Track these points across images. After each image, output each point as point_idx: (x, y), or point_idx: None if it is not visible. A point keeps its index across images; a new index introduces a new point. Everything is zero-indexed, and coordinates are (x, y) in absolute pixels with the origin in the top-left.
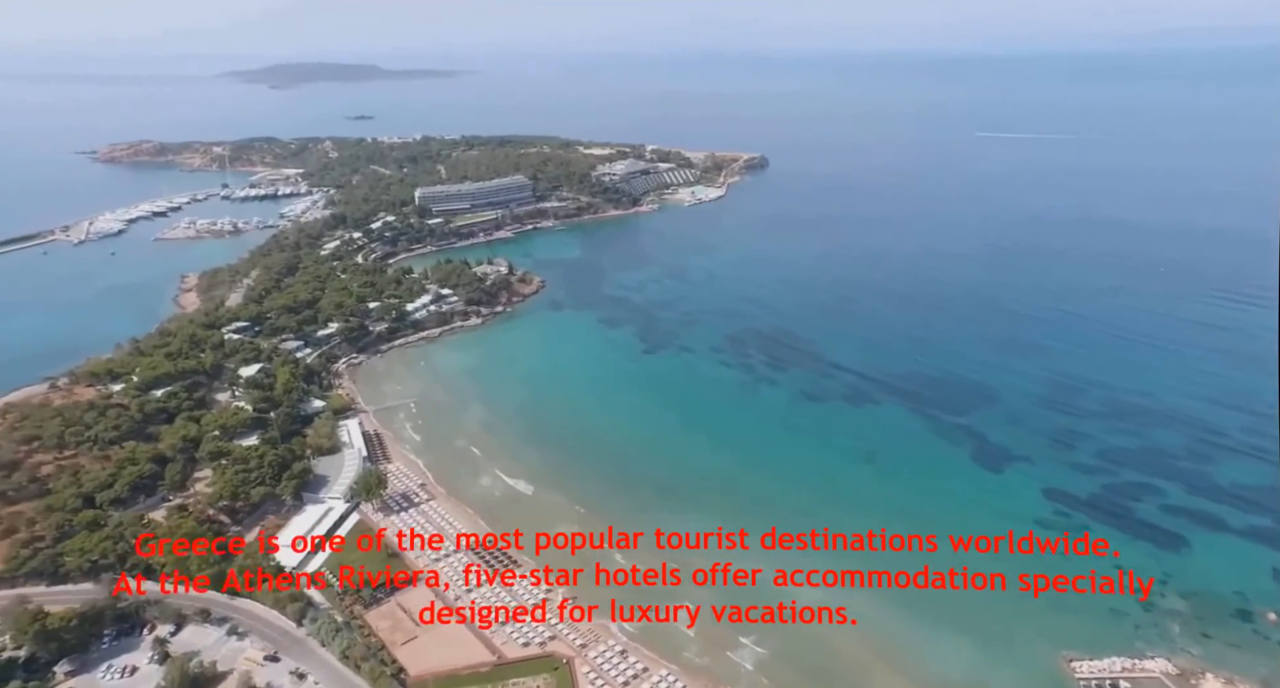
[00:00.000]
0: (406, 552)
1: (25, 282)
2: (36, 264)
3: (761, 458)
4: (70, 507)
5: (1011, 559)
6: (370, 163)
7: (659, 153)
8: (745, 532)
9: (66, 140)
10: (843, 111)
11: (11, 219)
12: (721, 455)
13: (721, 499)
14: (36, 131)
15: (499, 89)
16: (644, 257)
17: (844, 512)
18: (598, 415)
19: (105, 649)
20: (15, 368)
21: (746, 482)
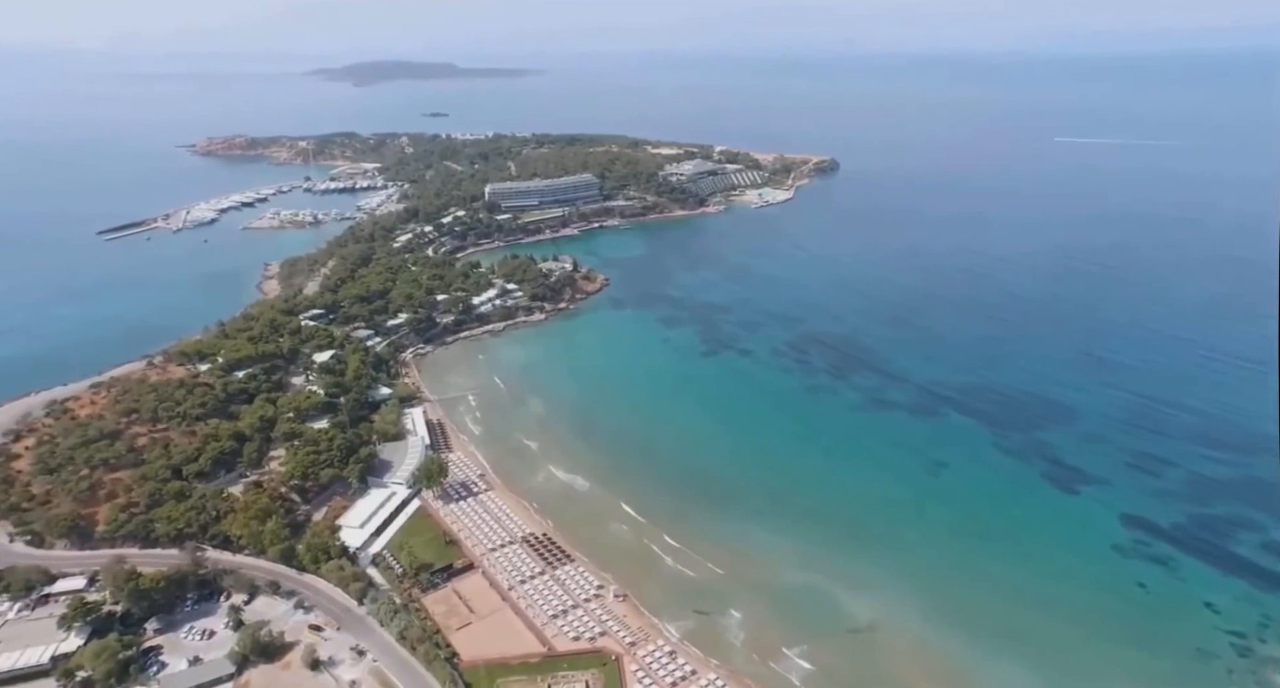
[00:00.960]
0: (464, 540)
1: (130, 265)
2: (140, 249)
3: (819, 466)
4: (161, 477)
5: (1085, 587)
6: (443, 159)
7: (727, 154)
8: (800, 540)
9: (168, 134)
10: (916, 114)
11: (122, 207)
12: (778, 462)
13: (776, 506)
14: (142, 126)
15: (569, 89)
16: (708, 258)
17: (903, 526)
18: (655, 416)
19: (188, 612)
20: (119, 346)
21: (803, 490)
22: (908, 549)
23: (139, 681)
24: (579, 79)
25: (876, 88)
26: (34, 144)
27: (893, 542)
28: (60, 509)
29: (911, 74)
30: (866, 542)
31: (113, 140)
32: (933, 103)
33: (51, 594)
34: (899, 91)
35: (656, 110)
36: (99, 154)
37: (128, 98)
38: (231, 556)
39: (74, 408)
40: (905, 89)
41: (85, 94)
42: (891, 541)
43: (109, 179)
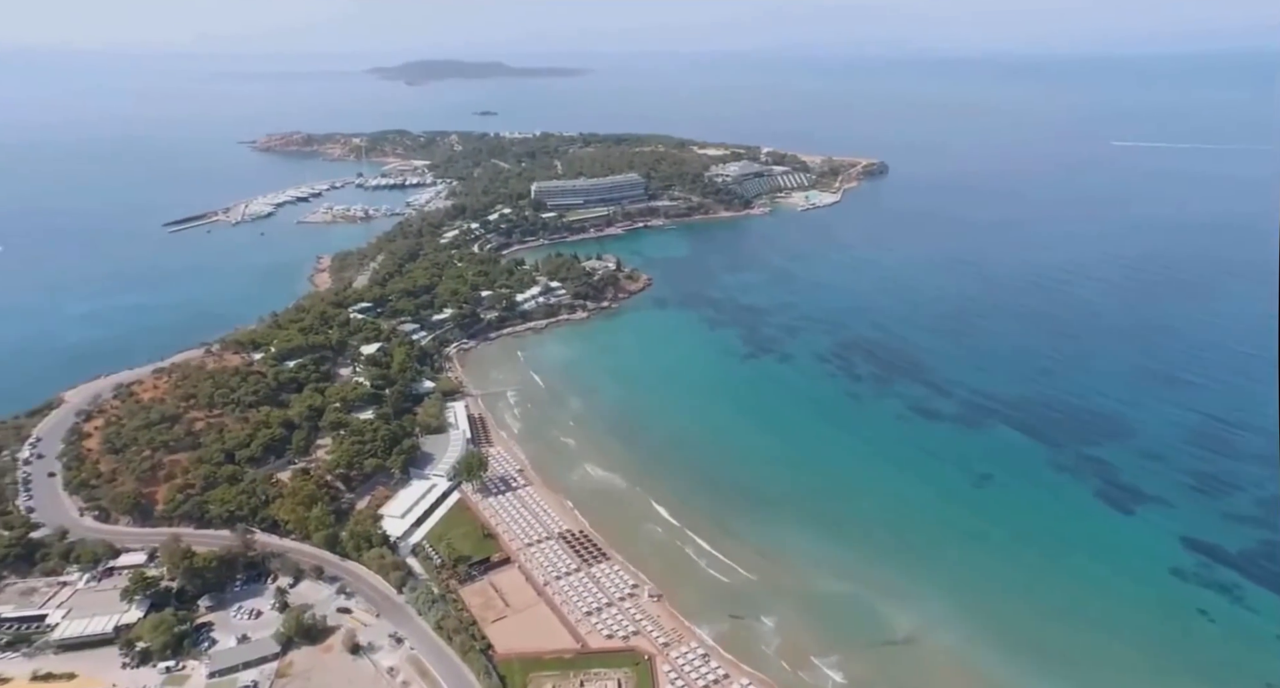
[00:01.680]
0: (501, 534)
1: (192, 257)
2: (201, 241)
3: (859, 475)
4: (215, 461)
5: (1140, 610)
6: (491, 157)
7: (774, 155)
8: (837, 548)
9: (232, 131)
10: (969, 116)
11: (187, 200)
12: (817, 469)
13: (814, 513)
14: (209, 123)
15: (617, 88)
16: (752, 260)
17: (945, 538)
18: (695, 417)
19: (237, 591)
20: (180, 333)
21: (842, 498)
22: (949, 562)
23: (191, 655)
24: (628, 79)
25: (927, 89)
26: (111, 139)
27: (933, 554)
28: (124, 487)
29: (964, 75)
30: (906, 553)
31: (182, 136)
32: (986, 104)
33: (116, 567)
34: (951, 93)
35: (704, 110)
36: (168, 149)
37: (199, 96)
38: (279, 539)
39: (138, 391)
40: (957, 90)
41: (161, 92)
42: (932, 553)
43: (176, 173)
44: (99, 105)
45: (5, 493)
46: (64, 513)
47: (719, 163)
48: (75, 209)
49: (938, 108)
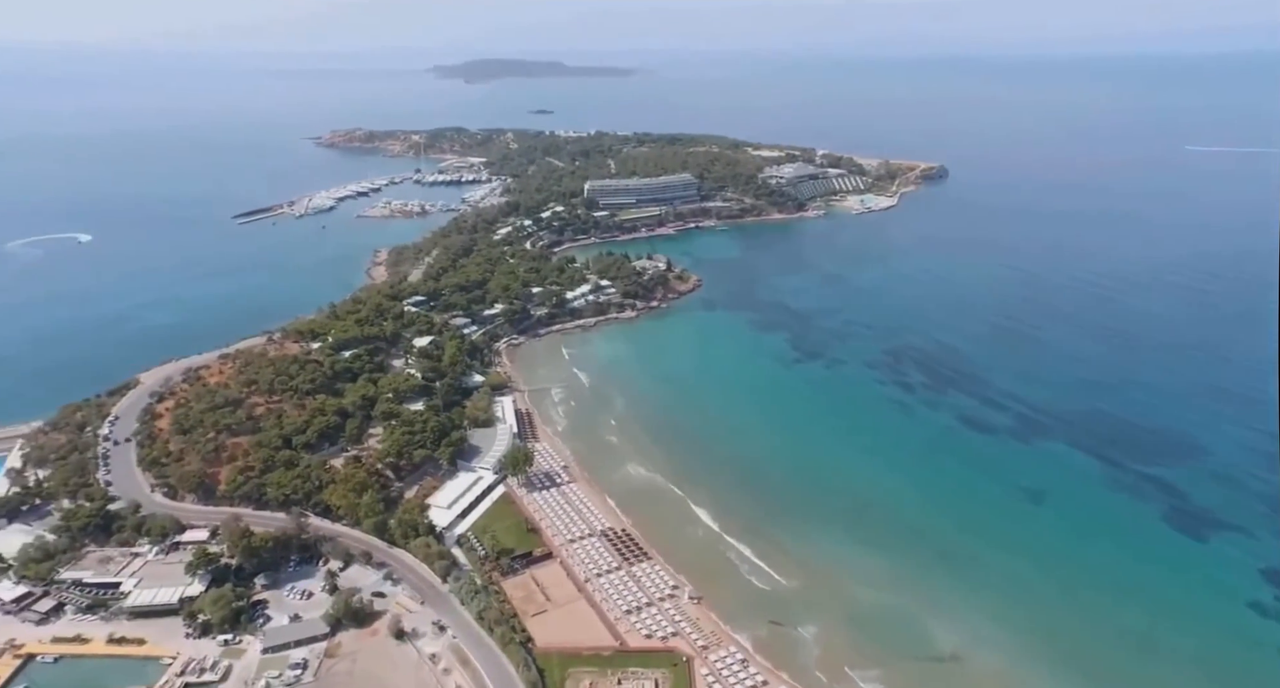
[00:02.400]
0: (544, 529)
1: (258, 247)
2: (267, 232)
3: (907, 485)
4: (273, 445)
5: (1212, 642)
6: (546, 155)
7: (829, 158)
8: (882, 559)
9: (299, 127)
10: (1033, 119)
11: (255, 193)
12: (866, 475)
13: (860, 523)
14: (277, 119)
15: (674, 88)
16: (804, 263)
17: (995, 554)
18: (742, 420)
19: (290, 572)
20: (243, 321)
21: (888, 508)
22: (998, 580)
23: (247, 630)
24: (686, 79)
25: (988, 91)
26: (186, 133)
27: (982, 571)
28: (190, 467)
29: (1026, 76)
30: (953, 568)
31: (252, 131)
32: (1051, 107)
33: (181, 542)
34: (1014, 95)
35: (760, 112)
36: (240, 143)
37: (268, 93)
38: (330, 524)
39: (205, 376)
40: (1020, 92)
41: (231, 89)
42: (980, 569)
43: (246, 167)
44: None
45: (88, 467)
46: (137, 488)
47: (773, 165)
48: (155, 199)
49: (998, 110)
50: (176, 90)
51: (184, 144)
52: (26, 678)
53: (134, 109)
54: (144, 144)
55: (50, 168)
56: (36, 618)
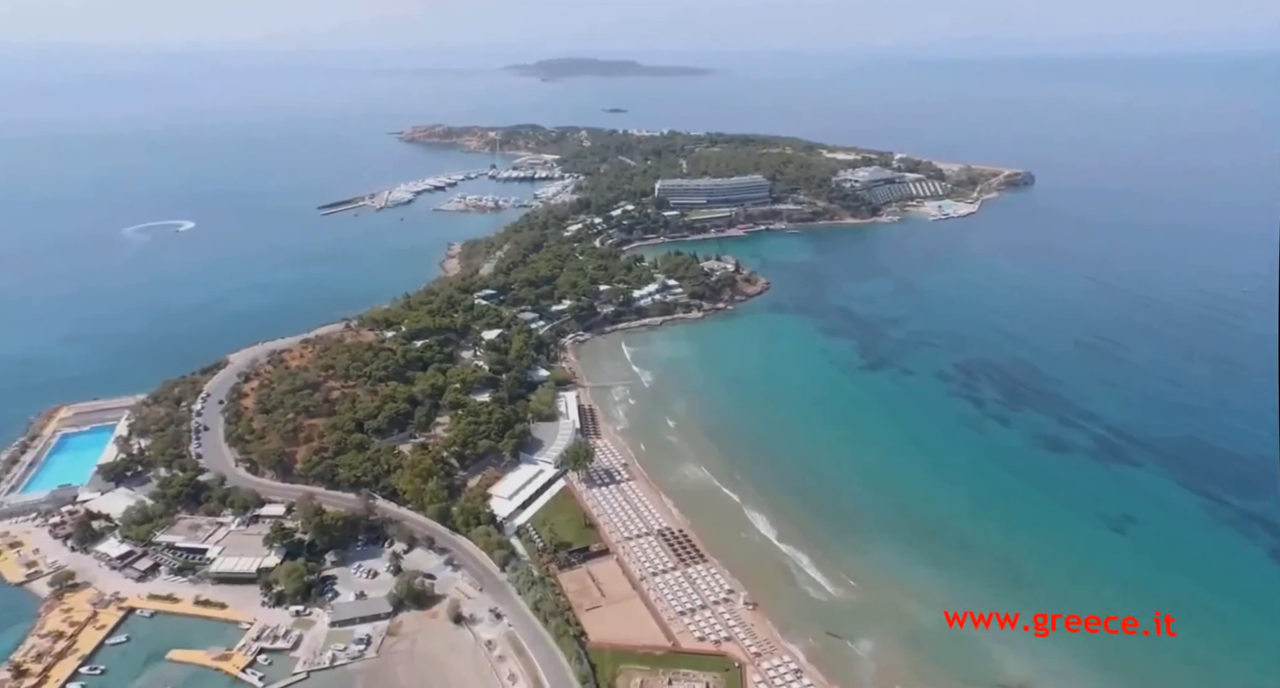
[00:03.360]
0: (602, 525)
1: (340, 238)
2: (348, 223)
3: (978, 501)
4: (346, 428)
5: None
6: (618, 153)
7: (907, 162)
8: (947, 578)
9: (382, 122)
10: (1129, 122)
11: (339, 185)
12: (932, 490)
13: (925, 539)
14: (363, 114)
15: (749, 89)
16: (876, 269)
17: (1073, 581)
18: (804, 427)
19: (358, 551)
20: (324, 307)
21: (957, 524)
22: (1077, 607)
23: (317, 603)
24: (762, 79)
25: (1081, 93)
26: (278, 128)
27: (1057, 599)
28: (271, 445)
29: (1116, 76)
30: (1025, 593)
31: (339, 127)
32: (1151, 110)
33: (260, 516)
34: (1109, 97)
35: (836, 113)
36: (327, 138)
37: (355, 90)
38: (396, 507)
39: (287, 358)
40: (1117, 94)
41: (323, 87)
42: (1056, 597)
43: (332, 160)
44: (268, 99)
45: (182, 439)
46: (224, 462)
47: (848, 168)
48: (249, 190)
49: (1092, 113)
50: (274, 89)
51: (278, 138)
52: (128, 629)
53: (236, 106)
54: (243, 138)
55: (162, 159)
56: (136, 575)
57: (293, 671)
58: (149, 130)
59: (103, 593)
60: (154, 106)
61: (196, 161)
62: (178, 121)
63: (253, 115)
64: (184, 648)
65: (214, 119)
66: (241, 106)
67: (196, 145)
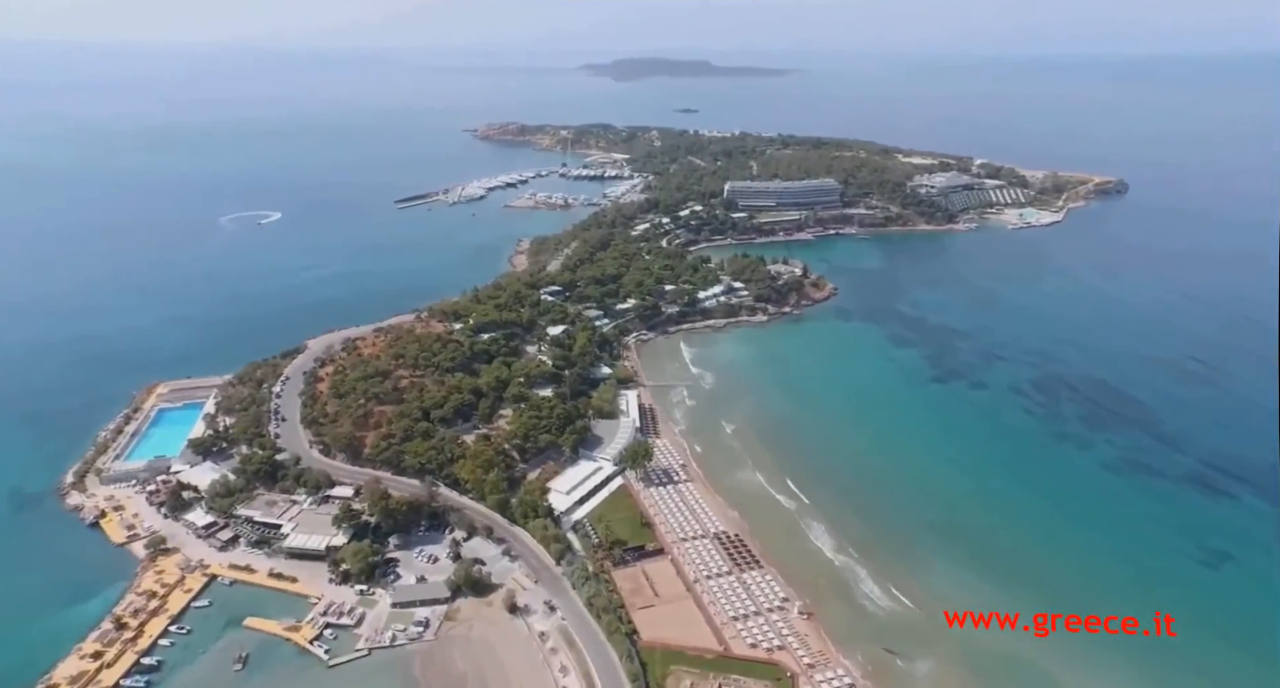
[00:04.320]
0: (658, 524)
1: (414, 231)
2: (423, 217)
3: (1050, 525)
4: (413, 416)
5: None
6: (688, 154)
7: (987, 167)
8: (1016, 602)
9: (459, 119)
10: (1234, 128)
11: (415, 180)
12: (1004, 510)
13: (992, 558)
14: (440, 112)
15: (824, 90)
16: (950, 277)
17: (1155, 618)
18: (868, 436)
19: (420, 536)
20: (396, 298)
21: (1029, 546)
22: (1163, 647)
23: (380, 583)
24: (838, 80)
25: (1182, 98)
26: (359, 123)
27: (1137, 635)
28: (342, 429)
29: (1221, 79)
30: (1108, 616)
31: (416, 123)
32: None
33: (330, 496)
34: (1208, 102)
35: (916, 117)
36: (406, 134)
37: (434, 88)
38: (458, 496)
39: (360, 347)
40: (1216, 99)
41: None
42: (1136, 632)
43: (410, 156)
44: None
45: (262, 419)
46: (299, 443)
47: (924, 173)
48: (331, 184)
49: (1196, 120)
50: (347, 82)
51: (357, 133)
52: (210, 594)
53: (313, 98)
54: (324, 132)
55: (252, 151)
56: (219, 545)
57: (355, 646)
58: (228, 123)
59: (190, 559)
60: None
61: (282, 155)
62: (257, 115)
63: (329, 107)
64: (258, 616)
65: (293, 109)
66: (319, 98)
67: (280, 138)
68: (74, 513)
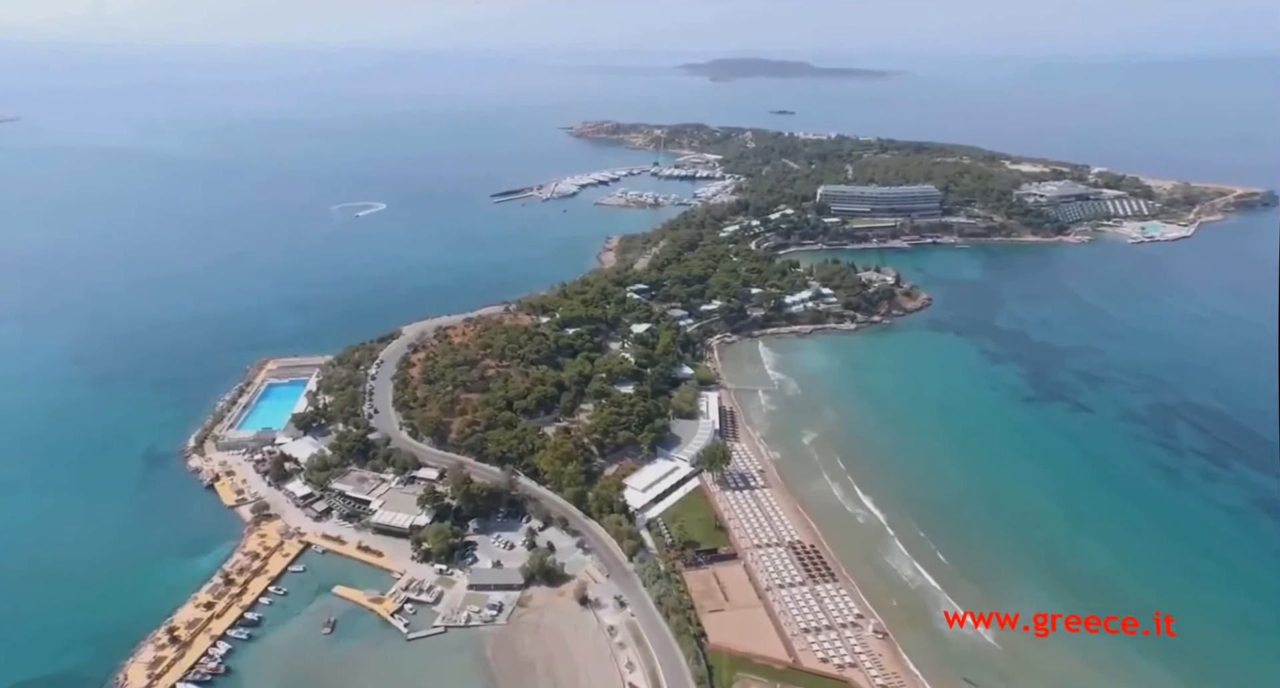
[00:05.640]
0: (732, 529)
1: (507, 225)
2: (517, 212)
3: (1164, 566)
4: (498, 406)
5: None
6: (782, 156)
7: (1107, 177)
8: (1118, 646)
9: (557, 117)
10: None
11: (511, 176)
12: (1107, 545)
13: (1092, 596)
14: (538, 109)
15: (929, 93)
16: (1055, 292)
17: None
18: (958, 454)
19: (498, 522)
20: (487, 289)
21: (1134, 587)
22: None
23: (458, 565)
24: (944, 82)
25: None
26: (462, 121)
27: None
28: (430, 413)
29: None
30: (1222, 679)
31: (516, 120)
32: None
33: (416, 477)
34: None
35: (1029, 122)
36: (505, 130)
37: (538, 86)
38: (536, 486)
39: (451, 335)
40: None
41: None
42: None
43: (507, 151)
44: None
45: (358, 399)
46: (390, 424)
47: (1033, 181)
48: (433, 176)
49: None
50: (453, 80)
51: (460, 129)
52: (304, 561)
53: (426, 95)
54: (435, 126)
55: (365, 144)
56: (314, 515)
57: (432, 623)
58: (347, 118)
59: (288, 526)
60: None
61: (390, 148)
62: (373, 111)
63: (435, 103)
64: (346, 586)
65: (402, 106)
66: (427, 94)
67: (388, 132)
68: (194, 475)
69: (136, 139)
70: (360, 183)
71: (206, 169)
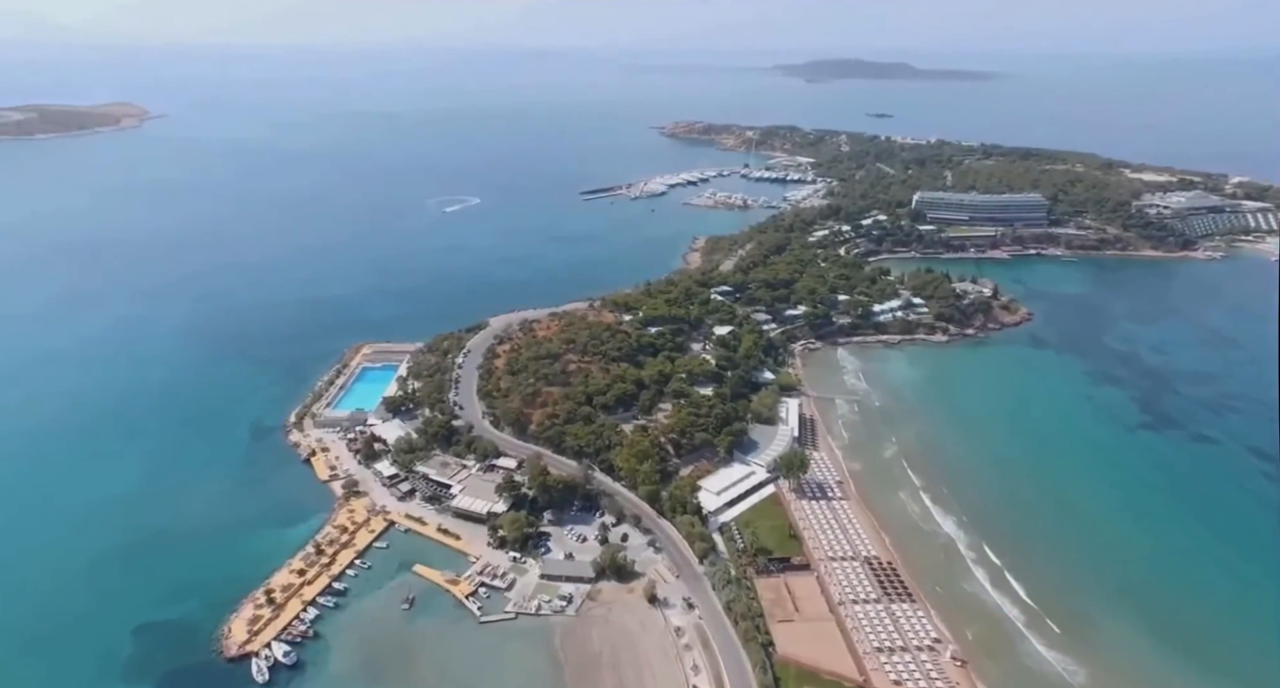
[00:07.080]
0: (806, 539)
1: (596, 222)
2: (605, 210)
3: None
4: (577, 400)
5: None
6: (878, 161)
7: (1248, 187)
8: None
9: (649, 116)
10: None
11: (601, 173)
12: (1219, 586)
13: (1188, 636)
14: (632, 108)
15: (1038, 95)
16: (1176, 312)
17: None
18: (1052, 480)
19: (572, 515)
20: (573, 285)
21: (1241, 631)
22: None
23: (532, 554)
24: (1056, 83)
25: None
26: (555, 119)
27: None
28: (512, 404)
29: None
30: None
31: (609, 119)
32: None
33: (495, 466)
34: None
35: (1151, 126)
36: (598, 129)
37: (638, 86)
38: (611, 482)
39: (536, 328)
40: None
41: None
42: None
43: (599, 149)
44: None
45: (444, 387)
46: (473, 413)
47: (1157, 191)
48: (526, 172)
49: None
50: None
51: (550, 130)
52: (388, 538)
53: (518, 89)
54: (524, 120)
55: (460, 139)
56: (399, 495)
57: (504, 609)
58: (440, 111)
59: (375, 504)
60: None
61: (485, 144)
62: (468, 104)
63: (529, 95)
64: (425, 565)
65: (501, 102)
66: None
67: (483, 130)
68: (293, 449)
69: (256, 132)
70: (456, 177)
71: (309, 162)
